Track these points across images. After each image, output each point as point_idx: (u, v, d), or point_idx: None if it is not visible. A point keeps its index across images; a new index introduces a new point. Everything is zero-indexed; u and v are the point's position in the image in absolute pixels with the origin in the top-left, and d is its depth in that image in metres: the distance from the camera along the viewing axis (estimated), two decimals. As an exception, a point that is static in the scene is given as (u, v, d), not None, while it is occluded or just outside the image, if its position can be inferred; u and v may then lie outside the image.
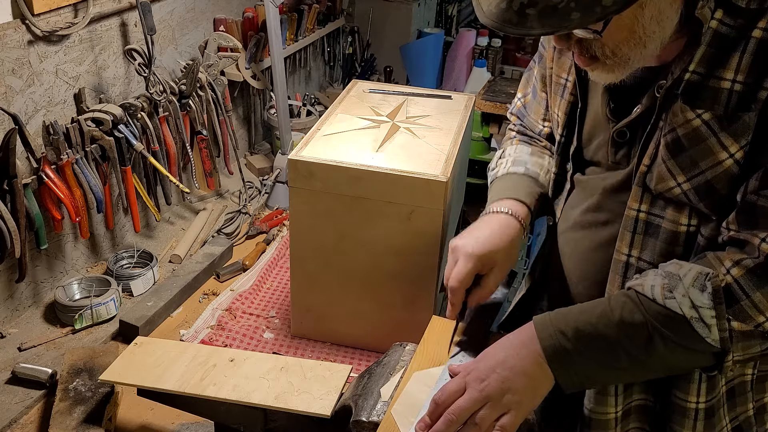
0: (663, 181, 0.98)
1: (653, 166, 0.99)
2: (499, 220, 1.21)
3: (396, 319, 1.62)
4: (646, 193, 1.01)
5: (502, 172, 1.32)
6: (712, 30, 0.91)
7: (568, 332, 0.95)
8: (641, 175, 1.01)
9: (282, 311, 1.84)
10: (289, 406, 1.20)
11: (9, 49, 1.59)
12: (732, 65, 0.91)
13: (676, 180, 0.97)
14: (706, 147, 0.93)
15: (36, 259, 1.78)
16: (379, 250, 1.56)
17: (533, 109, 1.36)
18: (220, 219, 2.29)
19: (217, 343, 1.70)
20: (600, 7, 0.81)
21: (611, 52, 0.94)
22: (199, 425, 1.46)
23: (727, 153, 0.92)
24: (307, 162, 1.52)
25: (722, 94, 0.91)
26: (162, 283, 1.89)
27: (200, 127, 2.19)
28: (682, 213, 0.99)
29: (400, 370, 1.17)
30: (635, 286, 0.96)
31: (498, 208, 1.22)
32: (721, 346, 0.90)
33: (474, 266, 1.16)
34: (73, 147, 1.75)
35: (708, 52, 0.92)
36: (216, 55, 2.35)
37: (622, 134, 1.07)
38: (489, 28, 0.87)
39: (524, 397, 0.96)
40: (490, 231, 1.19)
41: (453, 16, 3.98)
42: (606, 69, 0.97)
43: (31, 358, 1.63)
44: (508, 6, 0.85)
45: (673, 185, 0.97)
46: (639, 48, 0.93)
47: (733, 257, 0.91)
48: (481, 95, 2.54)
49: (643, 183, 1.01)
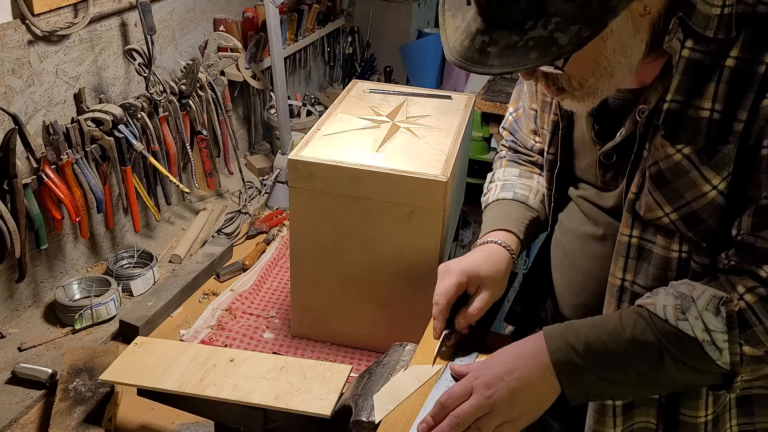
0: (651, 211, 1.00)
1: (641, 195, 1.01)
2: (489, 249, 1.25)
3: (396, 319, 1.62)
4: (637, 220, 1.03)
5: (492, 199, 1.35)
6: (685, 59, 0.92)
7: (578, 347, 0.96)
8: (630, 202, 1.02)
9: (282, 311, 1.84)
10: (289, 406, 1.20)
11: (9, 49, 1.59)
12: (709, 94, 0.92)
13: (664, 210, 0.99)
14: (689, 180, 0.95)
15: (36, 259, 1.78)
16: (379, 250, 1.56)
17: (524, 124, 1.38)
18: (220, 219, 2.29)
19: (217, 343, 1.70)
20: (556, 47, 0.82)
21: (578, 83, 0.96)
22: (199, 425, 1.46)
23: (710, 185, 0.94)
24: (307, 162, 1.52)
25: (702, 124, 0.93)
26: (162, 283, 1.89)
27: (200, 127, 2.19)
28: (672, 240, 1.00)
29: (400, 370, 1.17)
30: (647, 305, 0.96)
31: (488, 240, 1.26)
32: (731, 369, 0.91)
33: (456, 282, 1.19)
34: (73, 147, 1.75)
35: (684, 80, 0.93)
36: (216, 55, 2.35)
37: (609, 156, 1.09)
38: (454, 65, 0.90)
39: (528, 409, 0.97)
40: (479, 256, 1.23)
41: (453, 16, 3.97)
42: (575, 98, 0.99)
43: (31, 358, 1.63)
44: (471, 44, 0.87)
45: (661, 215, 0.99)
46: (606, 78, 0.94)
47: (746, 284, 0.91)
48: (481, 95, 2.54)
49: (633, 210, 1.02)
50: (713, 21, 0.91)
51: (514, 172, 1.38)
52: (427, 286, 1.57)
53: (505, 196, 1.34)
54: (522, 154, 1.41)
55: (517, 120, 1.40)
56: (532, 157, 1.39)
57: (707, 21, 0.91)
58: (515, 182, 1.36)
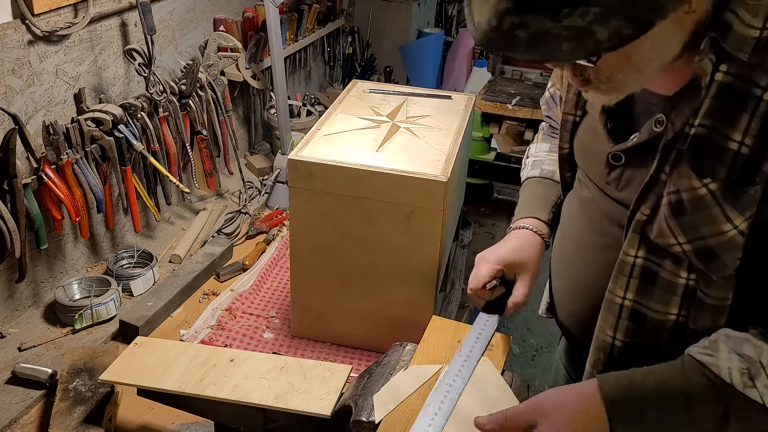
0: (663, 237, 0.96)
1: (654, 219, 0.97)
2: (523, 235, 1.30)
3: (396, 319, 1.62)
4: (644, 242, 0.99)
5: (524, 177, 1.42)
6: (718, 83, 0.87)
7: (643, 412, 0.93)
8: (639, 224, 0.98)
9: (282, 311, 1.84)
10: (289, 406, 1.20)
11: (9, 49, 1.59)
12: (741, 126, 0.86)
13: (677, 239, 0.94)
14: (710, 216, 0.90)
15: (36, 259, 1.78)
16: (379, 250, 1.56)
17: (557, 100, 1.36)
18: (220, 219, 2.29)
19: (217, 343, 1.70)
20: (594, 41, 0.77)
21: (606, 77, 0.91)
22: (199, 425, 1.46)
23: (732, 225, 0.89)
24: (307, 162, 1.52)
25: (728, 155, 0.87)
26: (162, 283, 1.89)
27: (200, 127, 2.19)
28: (681, 266, 0.97)
29: (400, 370, 1.17)
30: (710, 365, 0.91)
31: (521, 225, 1.32)
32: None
33: (491, 269, 1.23)
34: (73, 147, 1.75)
35: (714, 104, 0.88)
36: (216, 55, 2.35)
37: (617, 158, 1.06)
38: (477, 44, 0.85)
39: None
40: (513, 243, 1.28)
41: (453, 16, 3.98)
42: (600, 92, 0.94)
43: (31, 358, 1.63)
44: (498, 25, 0.80)
45: (674, 243, 0.95)
46: (634, 73, 0.90)
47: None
48: (482, 95, 2.54)
49: (642, 231, 0.99)
50: (749, 43, 0.84)
51: (545, 147, 1.43)
52: (428, 286, 1.58)
53: (533, 174, 1.40)
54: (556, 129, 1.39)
55: (553, 96, 1.38)
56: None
57: (743, 43, 0.85)
58: (544, 158, 1.41)
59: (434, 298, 1.59)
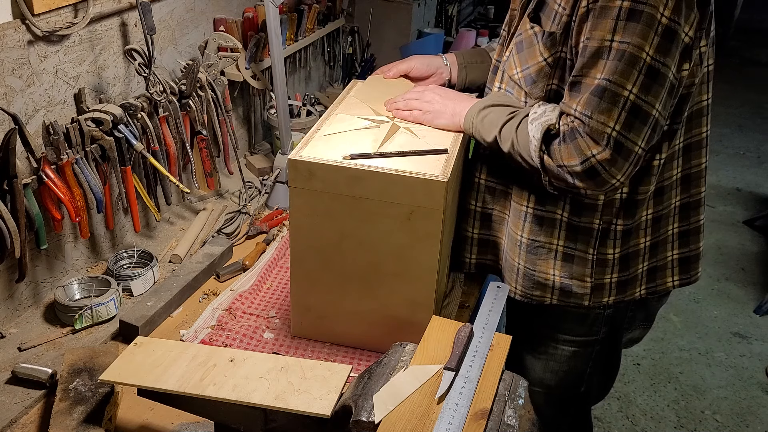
0: (510, 69, 1.55)
1: (510, 56, 1.54)
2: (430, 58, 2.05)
3: (396, 319, 1.62)
4: (504, 74, 1.59)
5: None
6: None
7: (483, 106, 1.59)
8: (503, 62, 1.59)
9: (282, 311, 1.84)
10: (289, 406, 1.20)
11: (9, 49, 1.59)
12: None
13: (516, 69, 1.53)
14: (533, 50, 1.47)
15: (36, 259, 1.78)
16: (379, 250, 1.56)
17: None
18: (220, 219, 2.29)
19: (217, 343, 1.70)
20: None
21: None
22: (199, 425, 1.46)
23: (542, 57, 1.46)
24: (307, 162, 1.52)
25: (552, 12, 1.43)
26: (162, 283, 1.89)
27: (200, 127, 2.19)
28: (520, 93, 1.56)
29: (400, 370, 1.17)
30: (531, 112, 1.47)
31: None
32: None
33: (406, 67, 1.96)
34: (73, 147, 1.75)
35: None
36: (216, 55, 2.35)
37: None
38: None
39: (437, 108, 1.68)
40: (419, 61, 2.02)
41: (453, 16, 3.99)
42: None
43: (31, 358, 1.63)
44: None
45: (514, 73, 1.54)
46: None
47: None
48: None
49: (502, 69, 1.59)
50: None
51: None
52: (428, 286, 1.58)
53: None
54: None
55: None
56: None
57: None
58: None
59: (434, 298, 1.59)
